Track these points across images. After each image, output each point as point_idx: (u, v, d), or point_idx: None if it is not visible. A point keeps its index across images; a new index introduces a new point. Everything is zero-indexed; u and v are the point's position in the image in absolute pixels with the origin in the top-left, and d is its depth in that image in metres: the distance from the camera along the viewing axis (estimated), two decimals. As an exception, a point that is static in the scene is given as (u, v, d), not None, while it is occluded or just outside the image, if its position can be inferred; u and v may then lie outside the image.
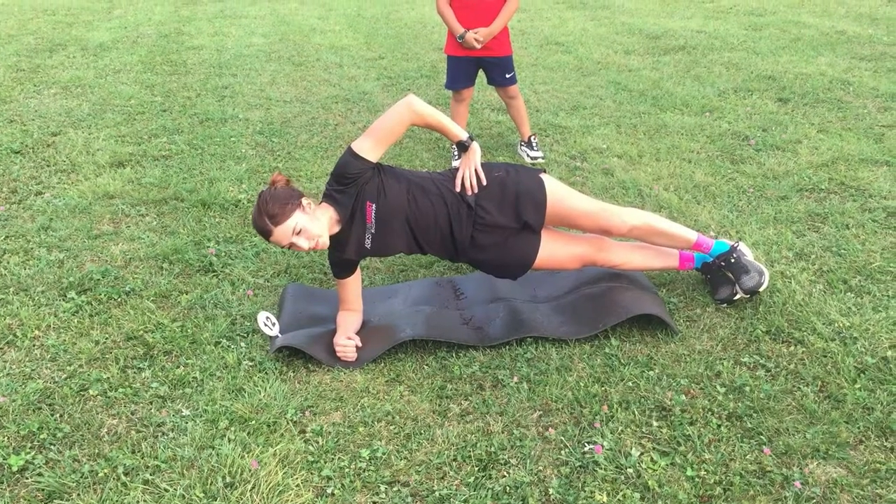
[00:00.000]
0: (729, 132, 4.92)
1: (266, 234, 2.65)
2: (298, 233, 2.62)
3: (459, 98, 4.60)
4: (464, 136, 2.80)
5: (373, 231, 2.74)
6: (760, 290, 2.91)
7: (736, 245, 3.02)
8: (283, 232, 2.61)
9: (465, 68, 4.50)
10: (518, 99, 4.63)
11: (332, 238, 2.75)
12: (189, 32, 8.67)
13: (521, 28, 8.41)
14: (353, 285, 2.89)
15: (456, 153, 4.61)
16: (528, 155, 4.60)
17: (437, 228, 2.79)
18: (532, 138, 4.65)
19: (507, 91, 4.58)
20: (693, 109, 5.41)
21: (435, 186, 2.81)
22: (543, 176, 2.90)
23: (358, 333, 2.84)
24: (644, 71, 6.51)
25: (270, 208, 2.61)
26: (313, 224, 2.64)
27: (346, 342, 2.75)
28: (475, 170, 2.80)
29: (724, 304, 2.96)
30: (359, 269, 2.90)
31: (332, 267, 2.87)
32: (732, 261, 2.96)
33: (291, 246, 2.65)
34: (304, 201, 2.68)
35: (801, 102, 5.45)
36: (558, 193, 2.87)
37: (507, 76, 4.52)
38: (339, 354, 2.74)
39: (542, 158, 4.57)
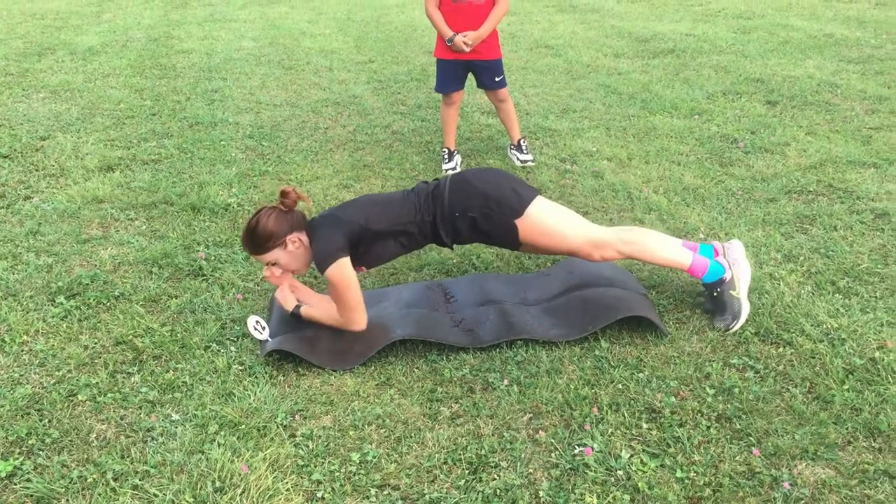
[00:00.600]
0: (718, 135, 4.94)
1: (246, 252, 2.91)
2: (273, 264, 2.84)
3: (449, 101, 4.61)
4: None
5: (364, 272, 3.03)
6: (734, 328, 2.82)
7: (725, 278, 2.89)
8: (258, 259, 2.88)
9: (454, 72, 4.51)
10: (508, 102, 4.64)
11: None
12: (178, 36, 8.66)
13: (510, 31, 8.43)
14: None
15: (446, 156, 4.61)
16: (517, 158, 4.61)
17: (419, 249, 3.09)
18: (522, 141, 4.66)
19: (497, 94, 4.59)
20: (682, 112, 5.43)
21: (417, 227, 2.90)
22: (521, 222, 2.83)
23: (347, 336, 2.86)
24: (633, 74, 6.53)
25: (255, 237, 2.80)
26: (291, 261, 2.87)
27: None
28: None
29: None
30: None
31: None
32: (715, 294, 2.90)
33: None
34: (291, 238, 2.82)
35: (790, 105, 5.48)
36: (533, 239, 2.89)
37: (497, 79, 4.52)
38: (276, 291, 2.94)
39: (532, 161, 4.58)
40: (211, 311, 3.10)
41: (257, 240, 2.78)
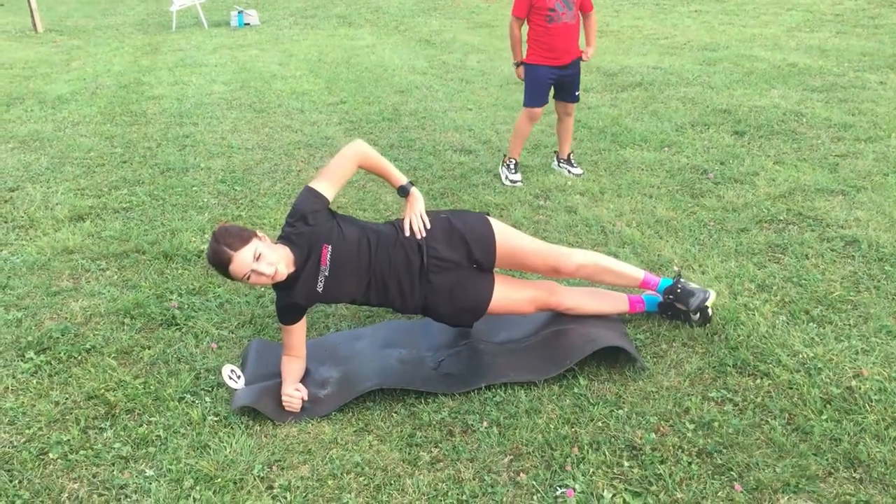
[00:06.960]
0: (688, 166, 4.99)
1: (225, 264, 2.62)
2: (258, 258, 2.61)
3: (533, 116, 4.87)
4: (404, 180, 2.96)
5: (326, 274, 2.75)
6: (708, 303, 3.01)
7: (678, 277, 3.11)
8: (242, 258, 2.60)
9: (546, 84, 4.78)
10: (572, 117, 5.02)
11: (284, 279, 2.74)
12: (149, 82, 8.65)
13: (480, 68, 8.51)
14: (300, 332, 2.89)
15: (513, 166, 4.91)
16: (569, 171, 4.98)
17: (391, 268, 2.82)
18: (571, 156, 5.04)
19: (569, 107, 4.93)
20: (652, 145, 5.48)
21: (387, 231, 2.90)
22: (491, 218, 3.02)
23: (327, 384, 2.83)
24: (603, 108, 6.60)
25: (228, 237, 2.62)
26: (271, 252, 2.66)
27: (294, 393, 2.72)
28: (420, 214, 2.92)
29: (704, 324, 3.05)
30: (304, 318, 2.88)
31: (280, 313, 2.83)
32: (678, 291, 3.06)
33: (252, 275, 2.62)
34: (260, 233, 2.72)
35: (757, 135, 5.55)
36: (505, 232, 3.00)
37: (576, 93, 4.88)
38: (285, 406, 2.70)
39: (581, 173, 4.95)
40: (185, 361, 3.05)
41: (230, 238, 2.61)
